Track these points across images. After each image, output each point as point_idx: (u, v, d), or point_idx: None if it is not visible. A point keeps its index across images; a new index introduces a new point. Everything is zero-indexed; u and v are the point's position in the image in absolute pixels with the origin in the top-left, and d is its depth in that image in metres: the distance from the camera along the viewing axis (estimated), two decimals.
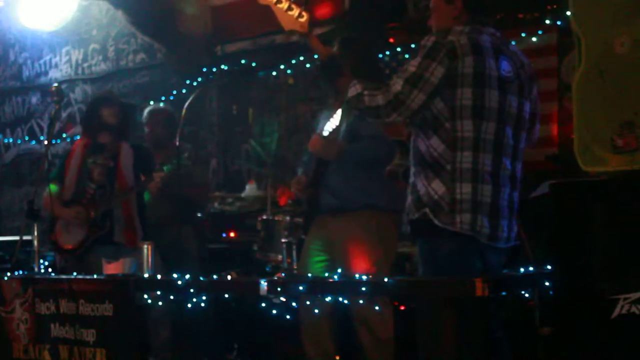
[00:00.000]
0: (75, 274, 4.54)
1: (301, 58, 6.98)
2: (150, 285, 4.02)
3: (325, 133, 4.33)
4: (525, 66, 3.44)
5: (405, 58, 6.45)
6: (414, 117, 3.33)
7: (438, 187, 3.25)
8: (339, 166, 4.27)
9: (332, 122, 4.38)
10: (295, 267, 4.49)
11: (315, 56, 4.03)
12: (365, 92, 3.34)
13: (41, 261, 4.97)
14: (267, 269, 4.80)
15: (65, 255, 5.29)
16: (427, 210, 3.26)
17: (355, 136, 4.26)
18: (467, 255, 3.27)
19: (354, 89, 3.39)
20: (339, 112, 4.34)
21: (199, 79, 7.32)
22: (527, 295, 3.71)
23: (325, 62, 3.69)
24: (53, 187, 5.18)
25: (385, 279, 3.25)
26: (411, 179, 3.38)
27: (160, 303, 4.55)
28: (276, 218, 4.85)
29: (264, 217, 4.84)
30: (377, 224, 4.22)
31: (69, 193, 5.25)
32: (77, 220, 5.15)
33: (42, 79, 8.87)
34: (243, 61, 7.28)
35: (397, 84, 3.26)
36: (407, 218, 3.41)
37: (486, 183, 3.24)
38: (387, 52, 6.46)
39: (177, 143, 4.84)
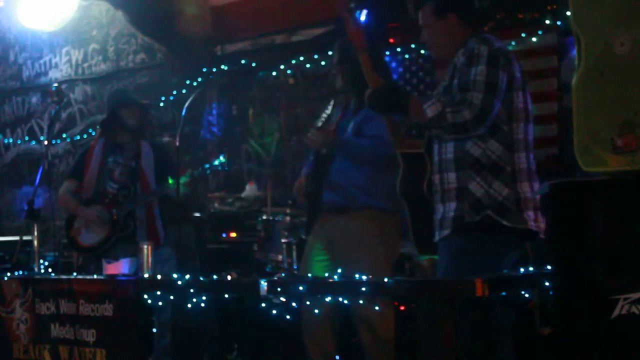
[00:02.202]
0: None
1: (301, 58, 6.99)
2: (150, 285, 4.02)
3: (319, 124, 4.33)
4: None
5: (406, 58, 6.47)
6: None
7: (500, 189, 3.34)
8: (342, 165, 4.26)
9: (325, 113, 4.39)
10: (295, 267, 4.49)
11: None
12: (448, 110, 3.31)
13: (41, 261, 4.98)
14: (267, 269, 4.80)
15: (84, 254, 5.29)
16: (489, 212, 3.33)
17: (359, 135, 4.26)
18: (526, 250, 3.51)
19: (434, 108, 3.34)
20: (332, 102, 4.34)
21: (199, 79, 7.32)
22: (527, 295, 3.71)
23: (383, 89, 3.51)
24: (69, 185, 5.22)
25: (386, 279, 3.25)
26: (452, 185, 3.40)
27: (161, 304, 4.55)
28: (276, 218, 4.85)
29: (264, 217, 4.84)
30: (380, 225, 4.21)
31: (88, 192, 5.25)
32: (98, 220, 5.15)
33: (42, 79, 8.87)
34: (243, 61, 7.28)
35: (477, 98, 3.28)
36: (453, 222, 3.39)
37: (535, 181, 3.44)
38: (387, 52, 6.46)
39: (177, 144, 4.85)
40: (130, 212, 5.17)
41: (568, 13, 3.12)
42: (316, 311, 4.12)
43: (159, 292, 4.07)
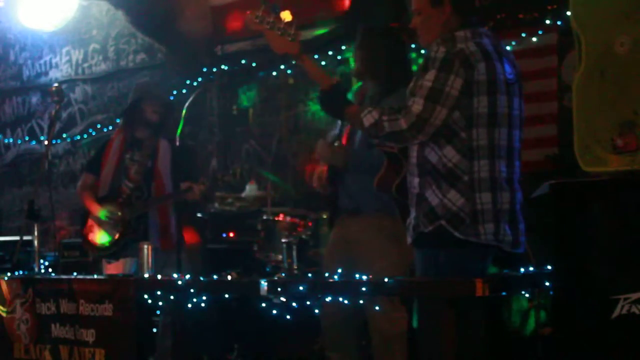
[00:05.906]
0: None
1: None
2: (151, 285, 4.02)
3: (330, 140, 4.34)
4: (517, 64, 3.40)
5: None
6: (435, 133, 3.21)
7: (455, 198, 3.17)
8: (356, 172, 4.28)
9: (334, 130, 4.40)
10: (295, 267, 4.48)
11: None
12: (384, 118, 3.20)
13: (41, 261, 4.96)
14: (267, 269, 4.80)
15: (95, 253, 5.21)
16: (442, 222, 3.18)
17: (369, 144, 4.27)
18: (487, 265, 3.27)
19: (370, 117, 3.23)
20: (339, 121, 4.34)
21: (199, 79, 7.31)
22: (527, 295, 3.71)
23: (328, 93, 3.39)
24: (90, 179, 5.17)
25: (386, 279, 3.25)
26: (415, 190, 3.29)
27: (160, 303, 4.55)
28: (276, 218, 4.85)
29: (265, 217, 4.84)
30: (393, 226, 4.21)
31: (104, 189, 5.14)
32: (109, 221, 5.10)
33: (42, 79, 8.87)
34: (243, 61, 7.28)
35: (417, 104, 3.14)
36: (412, 231, 3.30)
37: (504, 190, 3.22)
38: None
39: (178, 143, 4.83)
40: (143, 214, 5.05)
41: (568, 13, 3.12)
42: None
43: (159, 292, 4.08)
